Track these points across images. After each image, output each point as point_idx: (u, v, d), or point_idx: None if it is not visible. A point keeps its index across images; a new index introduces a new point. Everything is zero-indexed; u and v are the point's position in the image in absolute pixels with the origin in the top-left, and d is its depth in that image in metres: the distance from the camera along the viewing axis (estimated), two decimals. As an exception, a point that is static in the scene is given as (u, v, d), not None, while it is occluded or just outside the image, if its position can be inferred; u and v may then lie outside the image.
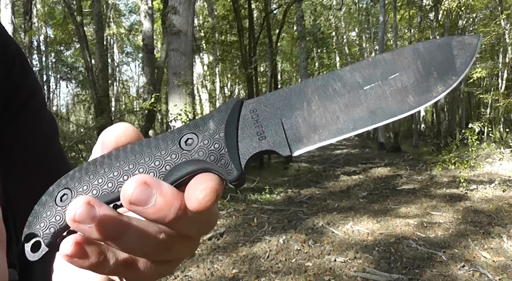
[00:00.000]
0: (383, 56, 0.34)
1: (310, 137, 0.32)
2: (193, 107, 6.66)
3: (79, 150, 10.12)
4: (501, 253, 4.07)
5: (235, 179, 0.31)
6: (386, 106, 0.32)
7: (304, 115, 0.33)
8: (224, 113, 0.32)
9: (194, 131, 0.32)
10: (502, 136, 12.13)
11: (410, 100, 0.32)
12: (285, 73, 27.90)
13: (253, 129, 0.32)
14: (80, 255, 0.28)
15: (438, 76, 0.32)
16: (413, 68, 0.33)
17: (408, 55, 0.33)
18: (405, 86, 0.32)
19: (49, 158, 0.57)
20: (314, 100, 0.33)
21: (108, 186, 0.31)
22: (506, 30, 12.46)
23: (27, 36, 11.47)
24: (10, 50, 0.54)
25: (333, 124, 0.32)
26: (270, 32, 14.92)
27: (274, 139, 0.32)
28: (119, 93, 24.37)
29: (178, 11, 6.49)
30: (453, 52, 0.33)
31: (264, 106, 0.33)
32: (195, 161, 0.31)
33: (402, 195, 6.98)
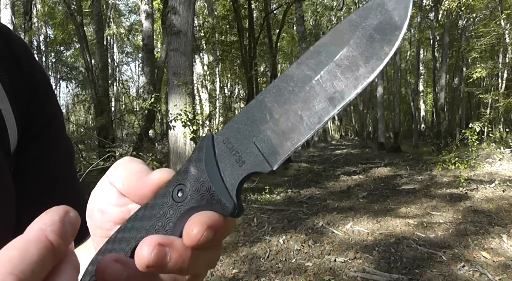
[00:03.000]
0: (322, 40, 0.33)
1: (284, 145, 0.32)
2: (193, 107, 6.65)
3: (79, 150, 10.12)
4: (501, 253, 4.06)
5: (231, 211, 0.32)
6: (342, 87, 0.32)
7: (271, 126, 0.33)
8: (200, 153, 0.33)
9: (181, 181, 0.33)
10: (502, 136, 12.13)
11: (362, 72, 0.31)
12: (285, 73, 27.83)
13: (231, 158, 0.33)
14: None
15: (380, 38, 0.31)
16: (354, 40, 0.32)
17: (344, 29, 0.33)
18: (353, 61, 0.32)
19: (62, 183, 0.58)
20: (274, 109, 0.33)
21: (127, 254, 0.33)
22: (506, 30, 12.46)
23: (27, 36, 11.47)
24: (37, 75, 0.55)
25: (299, 125, 0.32)
26: (270, 32, 14.93)
27: (252, 161, 0.32)
28: (119, 93, 24.38)
29: (178, 11, 6.49)
30: (388, 8, 0.32)
31: (234, 133, 0.33)
32: (192, 208, 0.32)
33: (402, 195, 6.98)
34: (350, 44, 0.32)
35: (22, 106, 0.52)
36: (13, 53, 0.52)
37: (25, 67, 0.53)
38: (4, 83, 0.50)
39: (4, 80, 0.51)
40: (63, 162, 0.59)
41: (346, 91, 0.32)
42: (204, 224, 0.30)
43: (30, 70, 0.54)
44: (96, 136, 10.98)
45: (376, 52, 0.31)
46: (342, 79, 0.32)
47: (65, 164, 0.59)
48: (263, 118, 0.33)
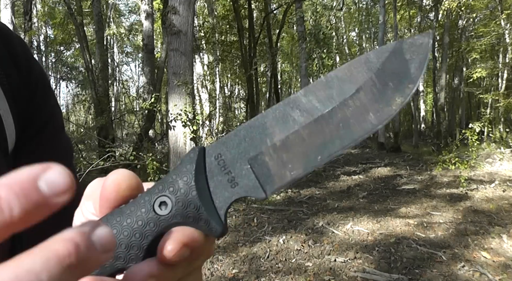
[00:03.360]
0: (335, 73, 0.32)
1: (281, 174, 0.31)
2: (193, 107, 6.66)
3: (79, 150, 10.12)
4: (501, 253, 4.07)
5: (219, 234, 0.30)
6: (349, 129, 0.31)
7: (270, 152, 0.31)
8: (190, 167, 0.30)
9: (165, 193, 0.30)
10: (502, 136, 12.13)
11: (371, 118, 0.31)
12: (285, 73, 27.91)
13: (222, 176, 0.31)
14: None
15: (394, 87, 0.31)
16: (368, 83, 0.31)
17: (361, 68, 0.32)
18: (364, 104, 0.31)
19: None
20: (275, 134, 0.31)
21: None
22: (506, 30, 12.46)
23: (27, 36, 11.47)
24: (35, 74, 0.55)
25: (301, 157, 0.31)
26: (270, 32, 14.93)
27: (246, 184, 0.31)
28: (119, 93, 24.38)
29: (178, 11, 6.49)
30: (405, 57, 0.31)
31: (228, 149, 0.31)
32: (175, 223, 0.30)
33: (402, 195, 6.98)
34: (363, 86, 0.31)
35: (21, 105, 0.51)
36: (11, 52, 0.52)
37: (24, 66, 0.53)
38: (2, 82, 0.50)
39: (2, 79, 0.50)
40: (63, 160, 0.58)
41: (352, 134, 0.31)
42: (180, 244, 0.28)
43: (28, 69, 0.54)
44: (96, 136, 10.98)
45: (388, 101, 0.31)
46: (350, 121, 0.31)
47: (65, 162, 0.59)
48: (263, 141, 0.31)
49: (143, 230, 0.29)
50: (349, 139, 0.31)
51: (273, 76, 15.22)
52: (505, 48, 13.30)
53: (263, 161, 0.31)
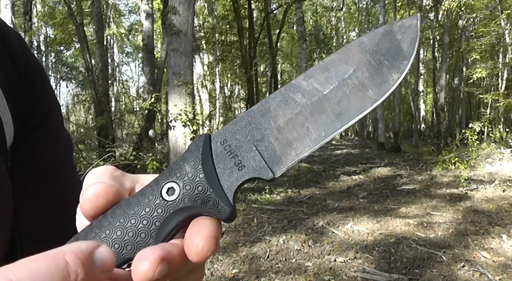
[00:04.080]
0: (331, 57, 0.34)
1: (287, 154, 0.32)
2: (193, 107, 6.66)
3: (79, 150, 10.12)
4: (501, 253, 4.07)
5: (228, 216, 0.30)
6: (350, 106, 0.32)
7: (274, 133, 0.32)
8: (197, 152, 0.31)
9: (173, 179, 0.31)
10: (502, 136, 12.13)
11: (370, 94, 0.32)
12: (285, 74, 27.91)
13: (229, 161, 0.32)
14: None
15: (389, 64, 0.33)
16: (364, 62, 0.33)
17: (355, 50, 0.33)
18: (362, 81, 0.33)
19: (61, 178, 0.57)
20: (279, 116, 0.33)
21: None
22: (506, 30, 12.46)
23: (27, 36, 11.47)
24: (32, 69, 0.54)
25: (305, 136, 0.32)
26: (270, 32, 14.93)
27: (253, 166, 0.32)
28: (119, 93, 24.38)
29: (178, 11, 6.49)
30: (397, 37, 0.33)
31: (233, 135, 0.32)
32: (183, 209, 0.30)
33: (402, 195, 6.98)
34: (360, 65, 0.33)
35: (18, 101, 0.51)
36: (8, 47, 0.51)
37: (21, 61, 0.52)
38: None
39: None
40: (62, 156, 0.58)
41: (354, 110, 0.32)
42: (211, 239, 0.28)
43: (26, 64, 0.53)
44: (96, 136, 10.98)
45: (385, 77, 0.33)
46: (350, 98, 0.32)
47: (64, 158, 0.58)
48: (267, 124, 0.32)
49: (150, 216, 0.30)
50: (351, 115, 0.32)
51: (273, 76, 15.22)
52: (505, 48, 13.30)
53: (268, 143, 0.32)
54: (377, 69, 0.33)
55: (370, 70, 0.33)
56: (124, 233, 0.30)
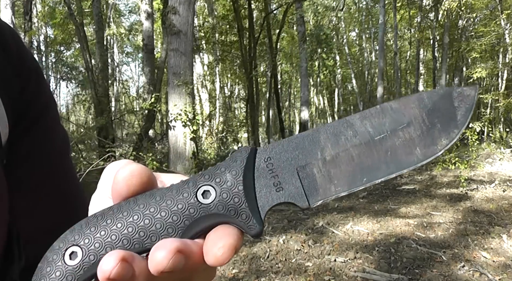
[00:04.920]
0: (390, 104, 0.34)
1: (326, 188, 0.32)
2: (193, 107, 6.66)
3: (79, 150, 10.13)
4: (501, 253, 4.06)
5: (256, 234, 0.31)
6: (396, 158, 0.32)
7: (319, 164, 0.32)
8: (240, 163, 0.31)
9: (211, 183, 0.31)
10: (502, 136, 12.13)
11: (418, 153, 0.32)
12: (285, 74, 27.91)
13: (269, 179, 0.32)
14: None
15: (441, 128, 0.33)
16: (419, 119, 0.33)
17: (413, 105, 0.34)
18: (413, 138, 0.33)
19: (58, 174, 0.56)
20: (327, 148, 0.33)
21: (123, 243, 0.29)
22: (506, 30, 12.46)
23: (27, 36, 11.47)
24: (27, 64, 0.53)
25: (347, 175, 0.32)
26: (270, 32, 14.93)
27: (291, 191, 0.32)
28: (119, 93, 24.38)
29: (178, 11, 6.49)
30: (454, 103, 0.33)
31: (278, 154, 0.32)
32: (215, 215, 0.30)
33: (402, 195, 6.98)
34: (414, 121, 0.33)
35: (13, 96, 0.50)
36: (1, 42, 0.50)
37: (15, 56, 0.51)
38: None
39: None
40: (59, 152, 0.57)
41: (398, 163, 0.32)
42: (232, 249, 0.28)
43: (20, 59, 0.52)
44: (96, 136, 10.98)
45: (435, 140, 0.33)
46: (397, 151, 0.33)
47: (61, 154, 0.57)
48: (314, 153, 0.32)
49: (182, 214, 0.30)
50: (395, 167, 0.32)
51: (273, 76, 15.22)
52: (505, 48, 13.30)
53: (311, 172, 0.32)
54: (429, 129, 0.33)
55: (422, 129, 0.33)
56: (152, 223, 0.30)
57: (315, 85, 26.95)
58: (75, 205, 0.57)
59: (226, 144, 13.96)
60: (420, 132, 0.33)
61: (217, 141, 13.23)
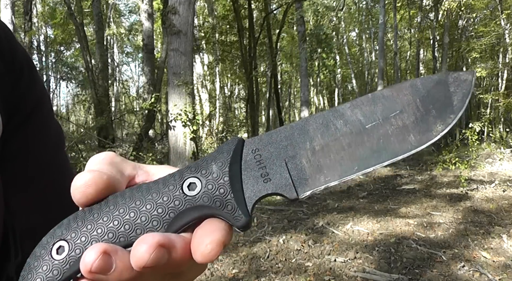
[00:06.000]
0: (382, 92, 0.33)
1: (316, 178, 0.31)
2: (193, 107, 6.66)
3: (79, 150, 10.13)
4: (501, 253, 4.06)
5: (242, 225, 0.30)
6: (389, 146, 0.32)
7: (308, 155, 0.32)
8: (227, 154, 0.31)
9: (197, 175, 0.30)
10: (502, 136, 12.13)
11: (411, 140, 0.32)
12: (285, 74, 27.91)
13: (256, 170, 0.31)
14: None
15: (437, 114, 0.32)
16: (412, 106, 0.32)
17: (406, 91, 0.33)
18: (406, 125, 0.32)
19: (53, 169, 0.56)
20: (316, 138, 0.32)
21: (108, 236, 0.29)
22: (506, 30, 12.46)
23: (27, 36, 11.47)
24: (19, 59, 0.52)
25: (337, 165, 0.32)
26: (270, 32, 14.93)
27: (279, 182, 0.31)
28: (119, 93, 24.39)
29: (178, 11, 6.49)
30: (449, 89, 0.33)
31: (266, 146, 0.32)
32: (200, 207, 0.30)
33: (402, 195, 6.98)
34: (407, 107, 0.32)
35: (6, 92, 0.49)
36: None
37: (6, 51, 0.50)
38: None
39: None
40: (54, 146, 0.57)
41: (391, 151, 0.32)
42: (220, 244, 0.28)
43: (12, 54, 0.51)
44: (96, 136, 10.98)
45: (430, 126, 0.32)
46: (390, 138, 0.32)
47: (56, 148, 0.57)
48: (303, 143, 0.32)
49: (167, 206, 0.30)
50: (388, 155, 0.32)
51: (273, 76, 15.22)
52: (505, 48, 13.29)
53: (299, 162, 0.32)
54: (423, 116, 0.32)
55: (416, 115, 0.32)
56: (138, 216, 0.29)
57: (315, 85, 26.94)
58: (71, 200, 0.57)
59: (226, 144, 13.92)
60: (414, 118, 0.32)
61: (217, 141, 13.22)
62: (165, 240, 0.27)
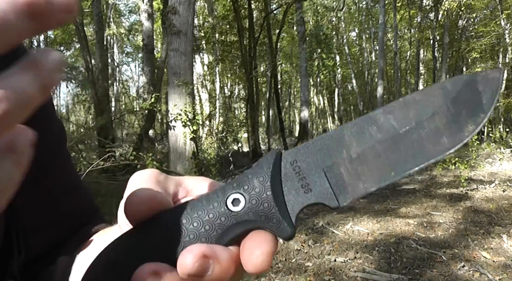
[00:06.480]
0: (413, 96, 0.34)
1: (355, 186, 0.32)
2: (193, 107, 6.66)
3: (79, 150, 10.13)
4: (501, 253, 4.06)
5: (289, 236, 0.31)
6: (423, 149, 0.32)
7: (345, 163, 0.32)
8: (267, 169, 0.32)
9: (239, 191, 0.31)
10: (502, 136, 12.14)
11: (444, 141, 0.32)
12: (285, 74, 27.91)
13: (296, 182, 0.32)
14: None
15: (467, 115, 0.33)
16: (443, 108, 0.33)
17: (437, 94, 0.33)
18: (438, 127, 0.33)
19: (56, 167, 0.56)
20: (352, 147, 0.33)
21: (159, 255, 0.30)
22: (506, 30, 12.47)
23: (27, 36, 11.43)
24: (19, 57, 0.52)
25: (375, 171, 0.32)
26: (270, 32, 14.92)
27: (320, 191, 0.32)
28: (119, 93, 24.39)
29: (178, 11, 6.49)
30: (478, 88, 0.33)
31: (304, 157, 0.33)
32: (246, 221, 0.31)
33: (402, 195, 6.98)
34: (439, 110, 0.33)
35: None
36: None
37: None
38: None
39: None
40: (56, 144, 0.57)
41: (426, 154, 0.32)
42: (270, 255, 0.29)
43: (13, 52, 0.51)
44: (96, 136, 10.98)
45: (461, 127, 0.33)
46: (424, 142, 0.32)
47: (59, 145, 0.57)
48: (339, 152, 0.33)
49: (213, 223, 0.30)
50: (423, 158, 0.32)
51: (273, 76, 15.22)
52: (505, 48, 13.30)
53: (338, 171, 0.32)
54: (455, 117, 0.33)
55: (448, 117, 0.33)
56: (186, 234, 0.30)
57: (315, 85, 26.93)
58: (76, 196, 0.58)
59: (226, 144, 13.96)
60: (445, 120, 0.33)
61: (217, 141, 13.22)
62: (210, 251, 0.29)
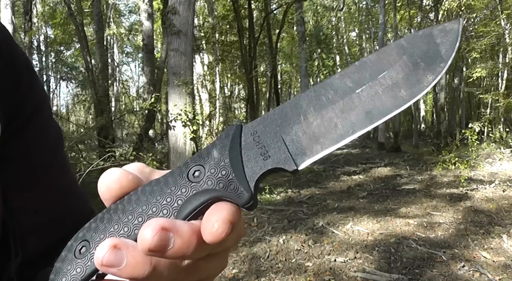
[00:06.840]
0: (368, 57, 0.34)
1: (313, 148, 0.33)
2: (193, 107, 6.66)
3: (79, 150, 10.13)
4: (501, 253, 4.07)
5: (246, 201, 0.31)
6: (381, 104, 0.33)
7: (303, 128, 0.33)
8: (226, 140, 0.33)
9: (200, 163, 0.32)
10: (502, 136, 12.13)
11: (403, 94, 0.32)
12: (285, 74, 27.91)
13: (256, 150, 0.33)
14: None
15: (425, 66, 0.33)
16: (400, 63, 0.33)
17: (392, 52, 0.34)
18: (396, 82, 0.33)
19: (53, 170, 0.56)
20: (309, 111, 0.33)
21: (124, 231, 0.31)
22: (506, 30, 12.46)
23: (27, 36, 11.47)
24: (18, 61, 0.52)
25: (332, 131, 0.33)
26: (270, 32, 14.93)
27: (278, 157, 0.32)
28: (119, 93, 24.38)
29: (178, 11, 6.49)
30: (436, 40, 0.33)
31: (263, 127, 0.33)
32: (205, 191, 0.31)
33: (402, 195, 6.98)
34: (395, 66, 0.33)
35: (5, 94, 0.49)
36: None
37: (6, 53, 0.50)
38: None
39: None
40: (54, 147, 0.57)
41: (384, 109, 0.33)
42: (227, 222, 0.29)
43: (11, 56, 0.51)
44: (96, 136, 10.98)
45: (420, 79, 0.33)
46: (382, 97, 0.33)
47: (56, 149, 0.57)
48: (297, 118, 0.33)
49: (174, 195, 0.32)
50: (381, 113, 0.33)
51: (273, 76, 15.22)
52: (505, 48, 13.29)
53: (295, 136, 0.33)
54: (412, 70, 0.33)
55: (405, 71, 0.33)
56: (149, 207, 0.31)
57: (315, 85, 26.91)
58: (72, 198, 0.58)
59: (226, 144, 13.91)
60: (402, 74, 0.33)
61: (217, 141, 13.17)
62: (169, 224, 0.29)
